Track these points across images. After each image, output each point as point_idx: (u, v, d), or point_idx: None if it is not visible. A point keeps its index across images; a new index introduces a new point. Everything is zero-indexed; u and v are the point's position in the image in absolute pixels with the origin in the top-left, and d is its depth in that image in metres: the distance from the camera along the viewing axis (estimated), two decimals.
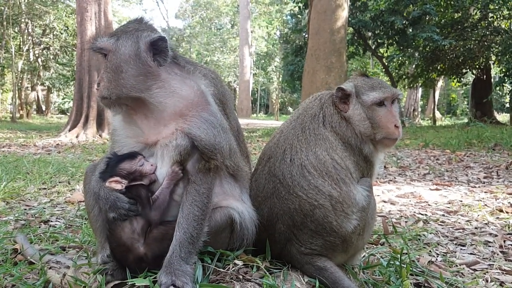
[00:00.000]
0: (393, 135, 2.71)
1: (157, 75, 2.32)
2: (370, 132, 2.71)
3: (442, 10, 21.87)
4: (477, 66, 23.46)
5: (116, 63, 2.28)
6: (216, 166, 2.33)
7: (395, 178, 7.56)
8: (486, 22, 21.38)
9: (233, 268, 2.34)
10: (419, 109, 37.35)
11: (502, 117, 33.73)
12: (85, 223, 3.95)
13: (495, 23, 21.51)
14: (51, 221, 4.10)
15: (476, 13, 21.78)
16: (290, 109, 59.28)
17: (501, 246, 3.77)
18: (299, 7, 23.93)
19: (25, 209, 4.49)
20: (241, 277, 2.29)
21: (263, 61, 56.87)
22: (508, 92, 26.62)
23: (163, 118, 2.33)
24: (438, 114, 34.97)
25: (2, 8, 30.40)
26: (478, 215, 4.83)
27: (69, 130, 16.42)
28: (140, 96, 2.30)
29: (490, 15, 21.22)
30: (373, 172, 2.75)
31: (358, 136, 2.70)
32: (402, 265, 2.70)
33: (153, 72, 2.31)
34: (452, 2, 21.23)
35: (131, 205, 2.24)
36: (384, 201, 5.55)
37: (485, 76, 24.08)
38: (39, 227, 3.85)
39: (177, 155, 2.26)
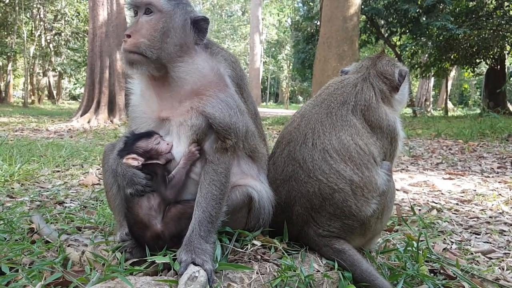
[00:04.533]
0: None
1: (189, 50, 2.38)
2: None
3: None
4: (491, 56, 23.05)
5: (167, 26, 2.31)
6: (232, 146, 2.33)
7: (407, 167, 7.52)
8: (502, 11, 20.95)
9: (251, 249, 2.35)
10: (431, 99, 36.96)
11: None
12: (100, 205, 3.98)
13: (511, 12, 21.10)
14: (66, 203, 4.14)
15: (491, 2, 21.36)
16: (300, 97, 59.01)
17: None
18: None
19: (40, 191, 4.53)
20: (259, 257, 2.30)
21: (273, 49, 56.61)
22: None
23: (179, 94, 2.34)
24: (450, 105, 34.57)
25: None
26: (493, 205, 4.80)
27: (81, 116, 16.52)
28: (167, 65, 2.33)
29: (506, 4, 20.77)
30: (395, 154, 2.74)
31: (394, 114, 2.76)
32: (418, 251, 2.69)
33: (189, 46, 2.37)
34: None
35: (148, 181, 2.27)
36: (397, 189, 5.51)
37: (499, 67, 23.69)
38: (55, 208, 3.89)
39: (193, 134, 2.28)
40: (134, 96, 2.54)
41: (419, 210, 4.50)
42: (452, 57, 23.00)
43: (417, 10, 20.34)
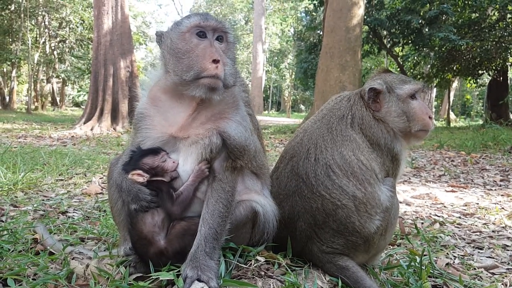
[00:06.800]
0: (428, 126, 2.78)
1: None
2: (406, 126, 2.74)
3: (459, 10, 21.55)
4: (494, 67, 23.06)
5: (234, 55, 2.35)
6: (241, 166, 2.36)
7: (410, 178, 7.50)
8: (504, 23, 21.02)
9: (255, 264, 2.35)
10: (433, 110, 36.99)
11: None
12: (103, 215, 3.99)
13: None
14: (69, 212, 4.15)
15: (494, 13, 21.44)
16: (302, 106, 59.09)
17: None
18: (314, 4, 23.80)
19: (43, 200, 4.54)
20: (263, 273, 2.30)
21: (276, 58, 56.85)
22: None
23: (205, 116, 2.29)
24: (452, 115, 34.59)
25: (20, 0, 30.75)
26: (495, 218, 4.78)
27: (84, 123, 16.61)
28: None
29: (509, 16, 20.84)
30: (398, 172, 2.74)
31: (390, 133, 2.71)
32: (422, 267, 2.68)
33: None
34: (469, 2, 20.87)
35: (153, 197, 2.26)
36: (400, 202, 5.50)
37: (501, 78, 23.71)
38: (58, 218, 3.89)
39: (208, 152, 2.25)
40: (146, 106, 2.39)
41: (422, 223, 4.48)
42: (454, 68, 23.05)
43: (420, 21, 20.42)
